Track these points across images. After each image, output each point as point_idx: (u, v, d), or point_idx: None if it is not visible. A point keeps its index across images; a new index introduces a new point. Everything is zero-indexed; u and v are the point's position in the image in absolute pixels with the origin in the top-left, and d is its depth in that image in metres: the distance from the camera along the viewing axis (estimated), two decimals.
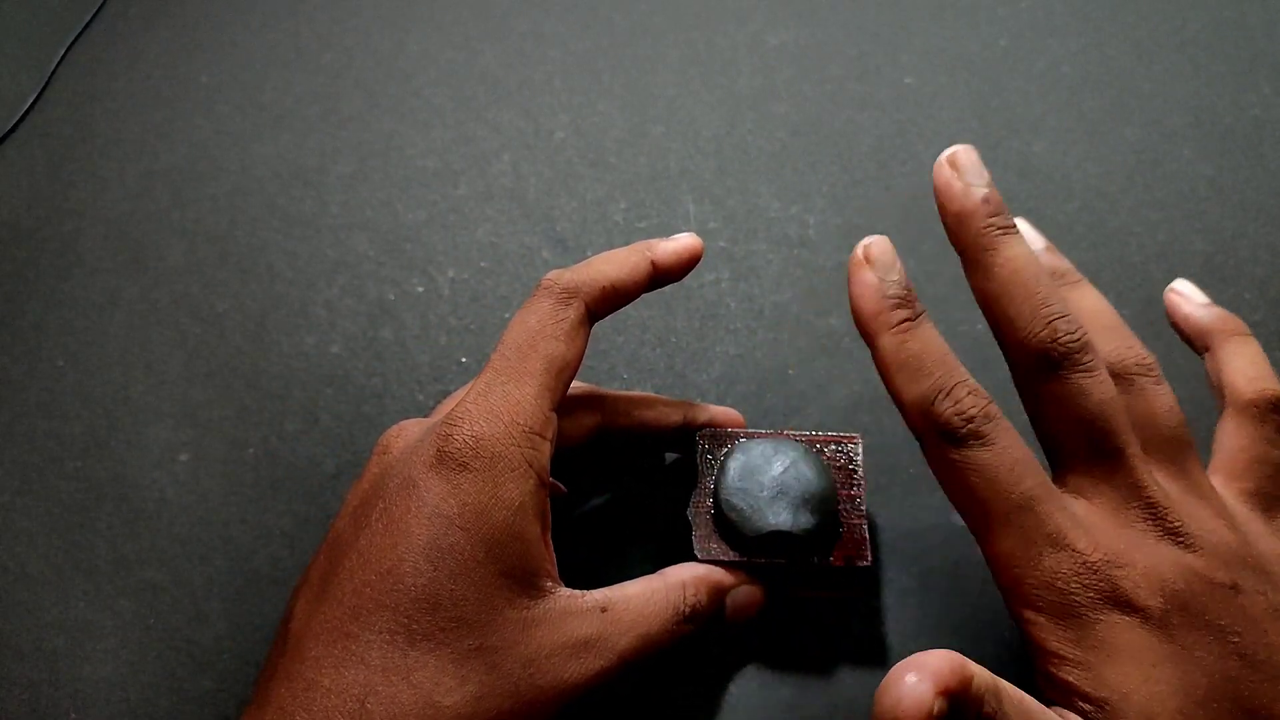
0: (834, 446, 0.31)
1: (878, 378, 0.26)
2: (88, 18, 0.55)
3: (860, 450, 0.31)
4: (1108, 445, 0.24)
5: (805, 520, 0.28)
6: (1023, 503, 0.23)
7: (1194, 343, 0.30)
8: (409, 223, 0.44)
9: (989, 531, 0.23)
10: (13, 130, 0.50)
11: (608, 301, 0.28)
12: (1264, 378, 0.27)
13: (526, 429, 0.25)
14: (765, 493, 0.29)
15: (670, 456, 0.35)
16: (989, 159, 0.45)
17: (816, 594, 0.32)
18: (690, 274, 0.30)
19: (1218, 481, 0.26)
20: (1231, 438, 0.27)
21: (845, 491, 0.30)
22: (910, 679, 0.19)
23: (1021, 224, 0.28)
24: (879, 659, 0.31)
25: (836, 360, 0.38)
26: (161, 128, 0.49)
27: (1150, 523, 0.23)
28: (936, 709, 0.19)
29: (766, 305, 0.40)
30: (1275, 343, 0.38)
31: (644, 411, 0.32)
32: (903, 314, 0.24)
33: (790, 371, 0.38)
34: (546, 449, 0.26)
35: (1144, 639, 0.22)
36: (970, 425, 0.23)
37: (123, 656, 0.33)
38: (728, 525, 0.29)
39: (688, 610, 0.27)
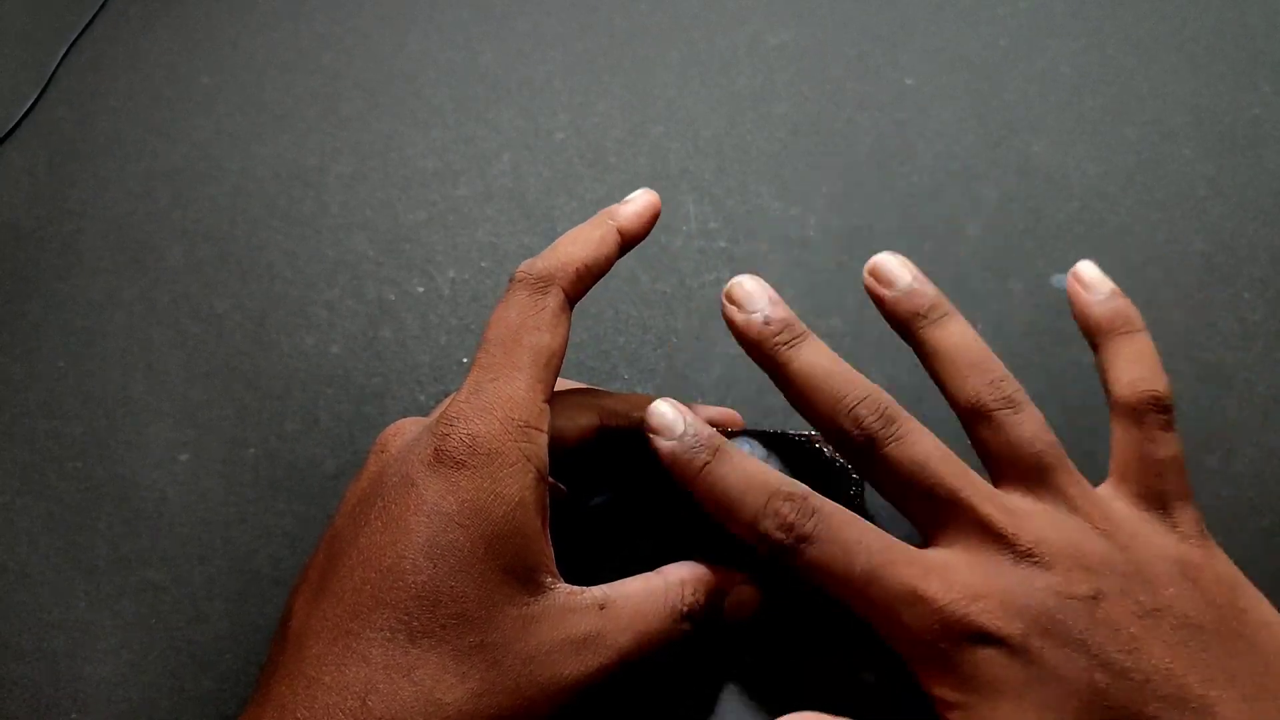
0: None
1: (876, 378, 0.26)
2: (88, 18, 0.55)
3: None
4: (940, 496, 0.25)
5: None
6: (866, 577, 0.24)
7: (1086, 338, 0.29)
8: (409, 223, 0.44)
9: (859, 612, 0.25)
10: (13, 130, 0.50)
11: (583, 282, 0.28)
12: (1144, 378, 0.27)
13: (521, 423, 0.25)
14: None
15: None
16: (989, 159, 0.45)
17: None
18: (690, 274, 0.30)
19: (1110, 485, 0.27)
20: (1118, 441, 0.27)
21: (844, 491, 0.30)
22: None
23: (884, 257, 0.28)
24: (877, 660, 0.31)
25: None
26: (162, 128, 0.49)
27: (1005, 553, 0.24)
28: None
29: None
30: (1275, 342, 0.38)
31: (643, 412, 0.31)
32: (701, 457, 0.26)
33: None
34: (543, 441, 0.26)
35: (1009, 668, 0.23)
36: (793, 533, 0.24)
37: (123, 657, 0.33)
38: (715, 525, 0.29)
39: (685, 609, 0.27)
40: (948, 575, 0.24)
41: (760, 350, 0.27)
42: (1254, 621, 0.24)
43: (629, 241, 0.29)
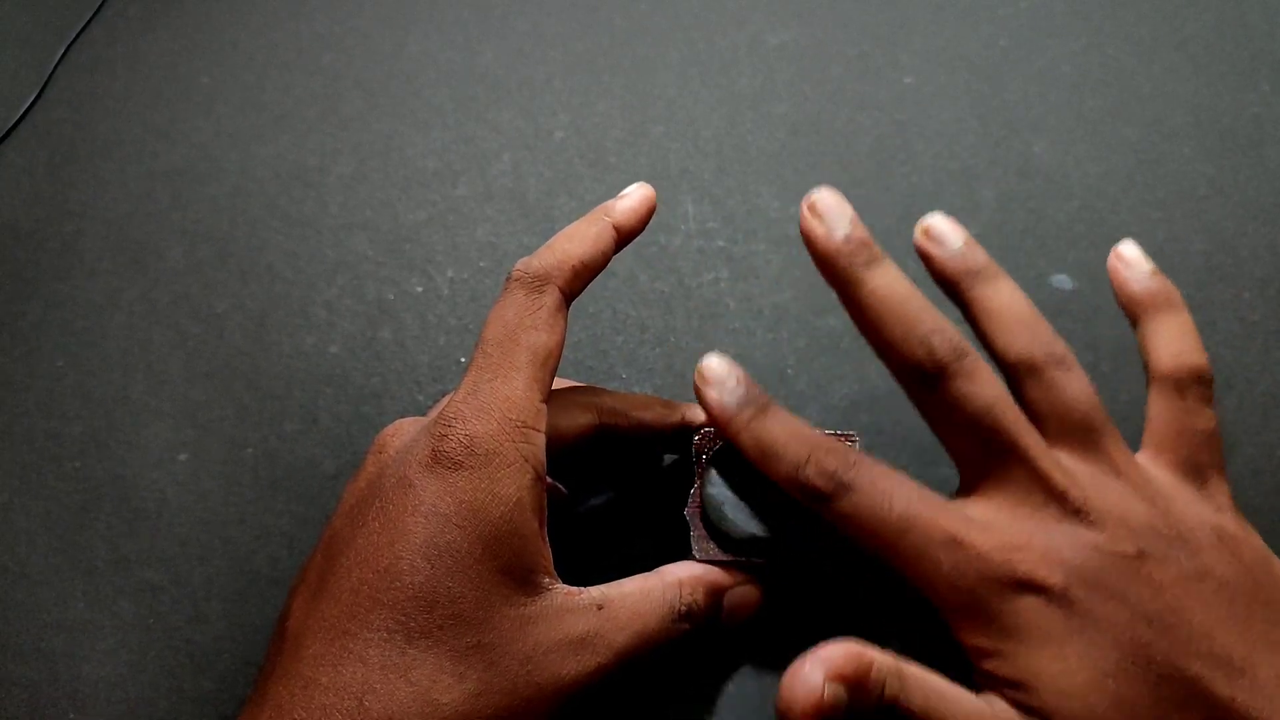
0: None
1: (876, 378, 0.26)
2: (88, 18, 0.55)
3: (859, 449, 0.31)
4: (1000, 442, 0.25)
5: (785, 522, 0.28)
6: (903, 524, 0.24)
7: (1127, 313, 0.29)
8: (409, 223, 0.44)
9: (894, 561, 0.24)
10: (13, 130, 0.50)
11: (580, 280, 0.28)
12: (1188, 350, 0.27)
13: (519, 424, 0.25)
14: (750, 494, 0.29)
15: (669, 457, 0.35)
16: (989, 159, 0.45)
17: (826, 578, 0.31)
18: (689, 273, 0.30)
19: (1147, 455, 0.27)
20: (1157, 411, 0.27)
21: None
22: (805, 669, 0.21)
23: (937, 218, 0.28)
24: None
25: (836, 360, 0.38)
26: (162, 128, 0.49)
27: (1053, 508, 0.24)
28: (828, 694, 0.21)
29: (766, 305, 0.40)
30: (1275, 342, 0.38)
31: (642, 412, 0.31)
32: (749, 412, 0.26)
33: (789, 371, 0.38)
34: (540, 441, 0.26)
35: (1050, 617, 0.23)
36: (834, 479, 0.24)
37: (122, 657, 0.33)
38: (713, 526, 0.29)
39: (683, 609, 0.27)
40: (989, 526, 0.24)
41: (835, 266, 0.26)
42: None
43: (625, 237, 0.29)
